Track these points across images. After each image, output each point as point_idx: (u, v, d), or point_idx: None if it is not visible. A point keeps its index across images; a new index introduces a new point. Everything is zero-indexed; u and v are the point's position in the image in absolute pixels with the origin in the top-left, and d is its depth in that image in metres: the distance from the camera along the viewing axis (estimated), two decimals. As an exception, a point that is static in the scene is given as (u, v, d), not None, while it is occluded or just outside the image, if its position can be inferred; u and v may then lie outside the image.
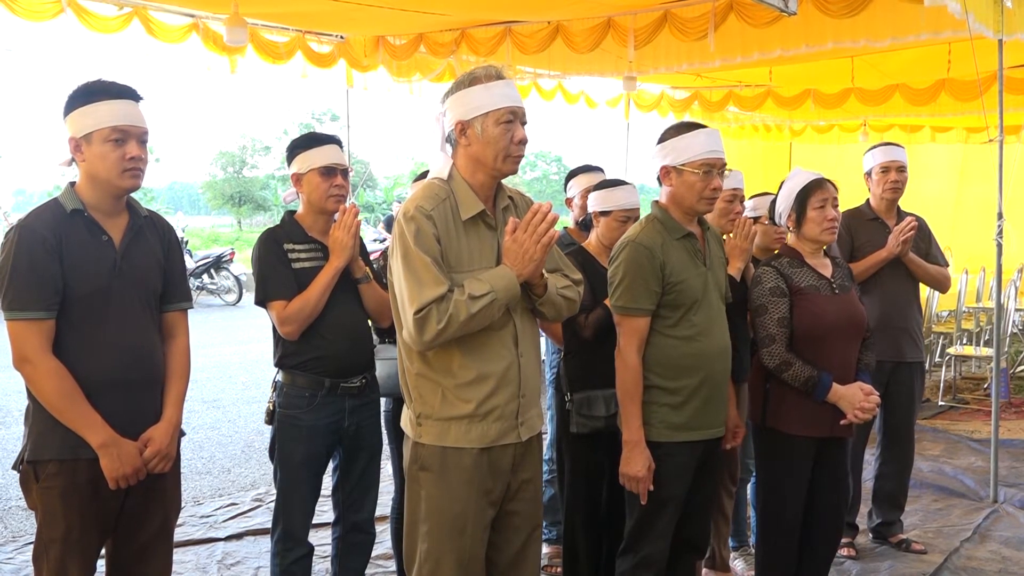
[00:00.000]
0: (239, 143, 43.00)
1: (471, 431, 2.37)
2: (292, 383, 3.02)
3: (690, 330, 2.83)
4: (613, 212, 3.32)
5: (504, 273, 2.34)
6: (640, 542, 2.89)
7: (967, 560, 4.14)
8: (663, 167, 2.86)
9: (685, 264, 2.84)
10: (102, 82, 2.41)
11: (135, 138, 2.40)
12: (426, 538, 2.40)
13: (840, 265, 3.27)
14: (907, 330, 4.15)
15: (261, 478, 5.40)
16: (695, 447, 2.86)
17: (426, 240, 2.30)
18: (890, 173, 4.13)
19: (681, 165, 2.81)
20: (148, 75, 21.03)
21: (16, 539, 4.35)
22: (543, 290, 2.44)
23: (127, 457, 2.38)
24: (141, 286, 2.49)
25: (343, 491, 3.18)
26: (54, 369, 2.32)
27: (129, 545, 2.52)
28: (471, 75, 2.40)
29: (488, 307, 2.29)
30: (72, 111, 2.38)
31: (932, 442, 6.16)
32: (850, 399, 3.01)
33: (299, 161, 3.06)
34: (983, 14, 4.40)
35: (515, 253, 2.35)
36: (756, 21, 5.47)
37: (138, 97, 2.45)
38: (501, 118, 2.35)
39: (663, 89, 9.40)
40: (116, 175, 2.39)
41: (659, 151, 2.87)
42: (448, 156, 2.45)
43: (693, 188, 2.81)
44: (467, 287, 2.29)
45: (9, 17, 5.22)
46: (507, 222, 2.40)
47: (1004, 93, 5.03)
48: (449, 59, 7.03)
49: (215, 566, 4.06)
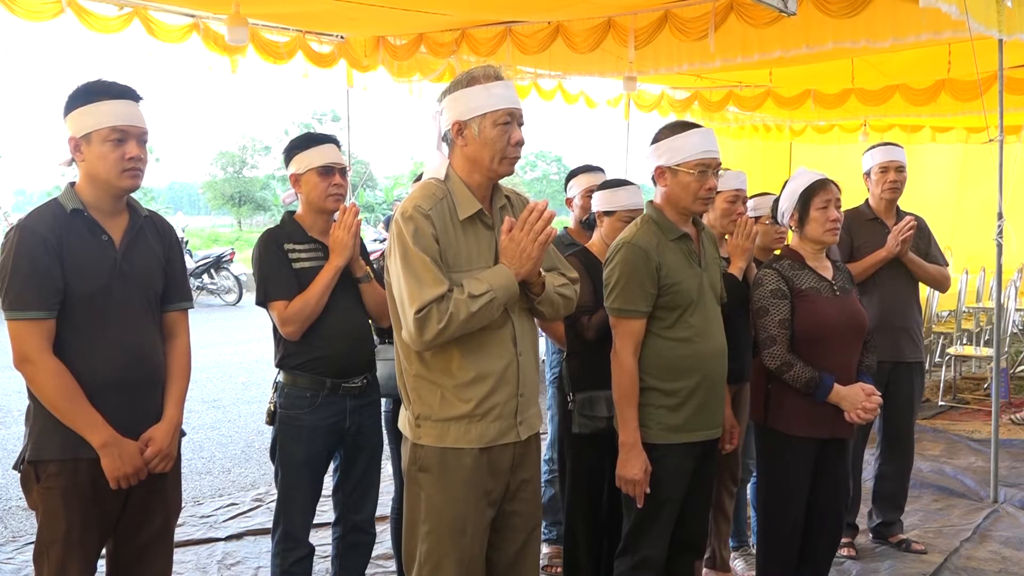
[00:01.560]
0: (239, 143, 43.02)
1: (470, 431, 2.37)
2: (293, 384, 3.02)
3: (687, 331, 2.82)
4: (617, 212, 3.31)
5: (502, 272, 2.34)
6: (638, 543, 2.88)
7: (967, 560, 4.14)
8: (658, 167, 2.84)
9: (681, 265, 2.83)
10: (102, 82, 2.41)
11: (135, 138, 2.40)
12: (426, 539, 2.40)
13: (840, 267, 3.27)
14: (907, 330, 4.15)
15: (261, 478, 5.40)
16: (692, 448, 2.86)
17: (425, 240, 2.30)
18: (889, 173, 4.13)
19: (676, 165, 2.79)
20: (148, 75, 21.05)
21: (16, 539, 4.35)
22: (541, 289, 2.44)
23: (128, 457, 2.38)
24: (141, 286, 2.49)
25: (343, 491, 3.18)
26: (55, 369, 2.32)
27: (130, 545, 2.52)
28: (469, 75, 2.39)
29: (487, 306, 2.29)
30: (72, 111, 2.39)
31: (932, 442, 6.16)
32: (852, 399, 3.01)
33: (297, 161, 3.06)
34: (983, 14, 4.40)
35: (512, 252, 2.35)
36: (756, 21, 5.47)
37: (138, 97, 2.45)
38: (499, 119, 2.34)
39: (663, 89, 9.39)
40: (116, 175, 2.39)
41: (653, 151, 2.86)
42: (444, 156, 2.44)
43: (688, 188, 2.80)
44: (466, 286, 2.29)
45: (9, 17, 5.22)
46: (504, 221, 2.40)
47: (1004, 93, 5.04)
48: (449, 59, 7.03)
49: (215, 566, 4.06)
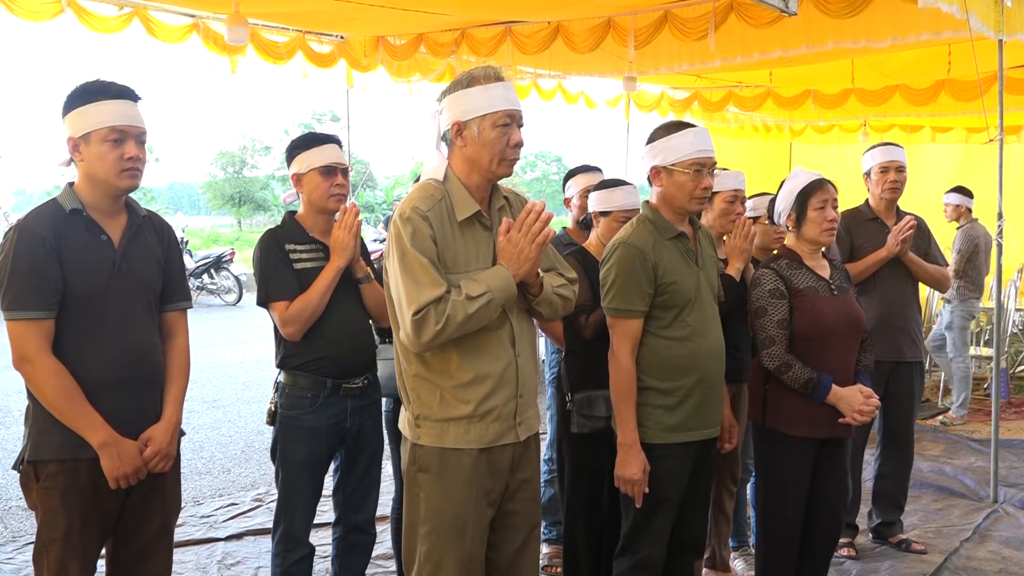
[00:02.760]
0: (239, 143, 42.97)
1: (470, 432, 2.37)
2: (294, 384, 3.02)
3: (684, 331, 2.82)
4: (613, 212, 3.31)
5: (500, 273, 2.34)
6: (637, 543, 2.88)
7: (967, 560, 4.14)
8: (653, 167, 2.85)
9: (677, 264, 2.82)
10: (100, 82, 2.41)
11: (133, 138, 2.40)
12: (426, 539, 2.40)
13: (837, 267, 3.27)
14: (906, 330, 4.14)
15: (261, 478, 5.40)
16: (690, 448, 2.86)
17: (422, 241, 2.30)
18: (889, 173, 4.13)
19: (671, 165, 2.79)
20: (148, 75, 21.03)
21: (16, 539, 4.35)
22: (539, 289, 2.44)
23: (127, 457, 2.38)
24: (140, 286, 2.49)
25: (344, 491, 3.18)
26: (54, 369, 2.32)
27: (129, 545, 2.52)
28: (469, 75, 2.38)
29: (485, 307, 2.29)
30: (71, 111, 2.39)
31: (932, 442, 6.16)
32: (849, 401, 3.01)
33: (299, 161, 3.06)
34: (983, 14, 4.40)
35: (510, 253, 2.35)
36: (756, 21, 5.46)
37: (136, 97, 2.45)
38: (498, 121, 2.34)
39: (663, 89, 9.39)
40: (114, 175, 2.39)
41: (648, 151, 2.86)
42: (443, 156, 2.44)
43: (684, 188, 2.80)
44: (464, 288, 2.29)
45: (9, 17, 5.21)
46: (502, 223, 2.39)
47: (1004, 93, 5.03)
48: (449, 59, 7.03)
49: (215, 566, 4.06)
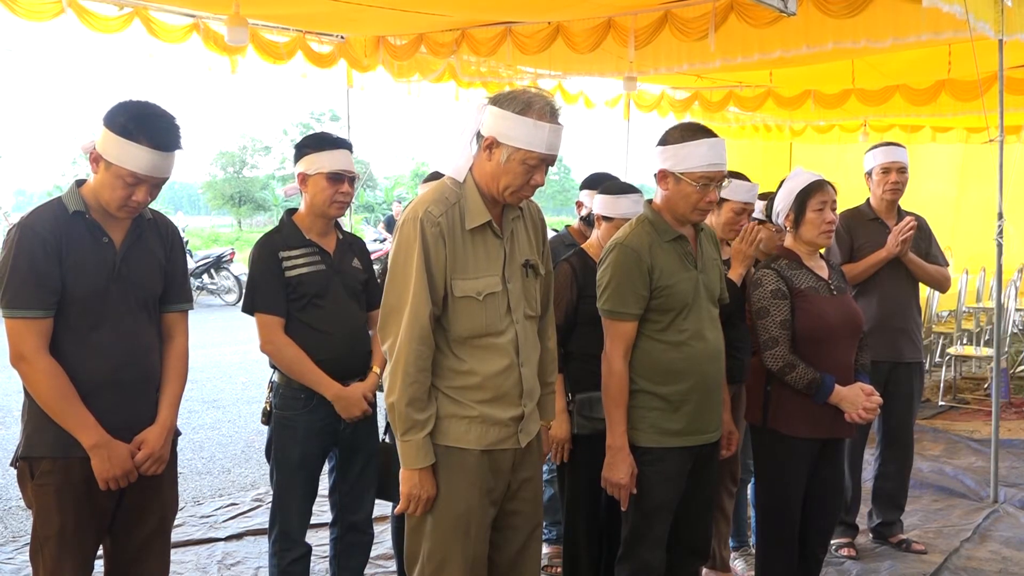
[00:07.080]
0: (239, 143, 43.03)
1: (470, 431, 2.38)
2: (288, 384, 3.01)
3: (680, 335, 2.77)
4: (615, 219, 3.28)
5: (415, 462, 2.33)
6: (636, 549, 2.86)
7: (967, 560, 4.14)
8: (661, 170, 2.78)
9: (675, 267, 2.78)
10: (149, 121, 2.35)
11: (148, 185, 2.39)
12: (429, 538, 2.40)
13: (834, 267, 3.27)
14: (905, 330, 4.14)
15: (261, 478, 5.39)
16: (686, 453, 2.82)
17: (429, 250, 2.30)
18: (891, 174, 4.12)
19: (680, 173, 2.72)
20: (148, 75, 21.01)
21: (16, 539, 4.35)
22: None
23: (117, 459, 2.38)
24: (140, 289, 2.49)
25: (340, 492, 3.18)
26: (49, 368, 2.32)
27: (126, 544, 2.53)
28: (528, 100, 2.32)
29: (397, 419, 2.32)
30: (110, 132, 2.32)
31: (932, 442, 6.15)
32: (852, 400, 3.01)
33: (307, 161, 3.03)
34: (983, 14, 4.39)
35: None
36: (756, 21, 5.46)
37: (177, 147, 2.41)
38: (530, 160, 2.32)
39: (663, 89, 9.39)
40: (114, 208, 2.41)
41: (660, 152, 2.78)
42: (470, 154, 2.41)
43: (688, 199, 2.74)
44: (419, 413, 2.32)
45: (9, 17, 5.22)
46: (515, 232, 2.43)
47: (1004, 93, 5.03)
48: (449, 59, 7.03)
49: (215, 566, 4.06)
